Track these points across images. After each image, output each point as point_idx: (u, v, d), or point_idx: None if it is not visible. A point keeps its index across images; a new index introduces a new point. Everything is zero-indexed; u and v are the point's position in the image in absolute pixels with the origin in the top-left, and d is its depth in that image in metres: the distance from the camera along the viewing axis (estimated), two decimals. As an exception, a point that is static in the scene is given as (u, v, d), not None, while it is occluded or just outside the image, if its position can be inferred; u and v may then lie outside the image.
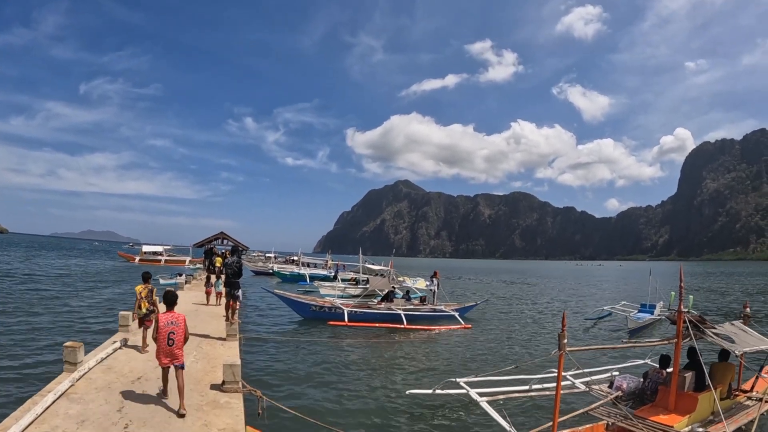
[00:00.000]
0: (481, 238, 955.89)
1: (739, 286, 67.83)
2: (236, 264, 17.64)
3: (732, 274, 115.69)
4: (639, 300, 32.69)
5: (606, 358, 17.39)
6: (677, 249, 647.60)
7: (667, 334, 11.68)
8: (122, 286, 38.13)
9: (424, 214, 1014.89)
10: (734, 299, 45.76)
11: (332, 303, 25.70)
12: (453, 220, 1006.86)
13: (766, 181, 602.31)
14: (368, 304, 26.43)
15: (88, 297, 29.60)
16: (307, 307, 25.41)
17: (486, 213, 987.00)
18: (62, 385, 8.48)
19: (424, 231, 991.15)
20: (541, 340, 22.81)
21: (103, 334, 17.39)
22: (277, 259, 74.13)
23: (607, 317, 29.64)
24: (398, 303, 27.31)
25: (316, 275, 52.89)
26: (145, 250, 76.92)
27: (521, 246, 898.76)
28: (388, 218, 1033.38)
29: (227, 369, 9.33)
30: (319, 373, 14.91)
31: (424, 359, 17.94)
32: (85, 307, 25.44)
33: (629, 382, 10.91)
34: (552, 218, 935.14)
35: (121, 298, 29.57)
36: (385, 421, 11.02)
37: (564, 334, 7.34)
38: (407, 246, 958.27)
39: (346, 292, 34.58)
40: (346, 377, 14.61)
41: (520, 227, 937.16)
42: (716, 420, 9.20)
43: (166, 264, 67.89)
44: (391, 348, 19.89)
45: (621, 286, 67.65)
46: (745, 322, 11.53)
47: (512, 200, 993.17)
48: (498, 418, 9.38)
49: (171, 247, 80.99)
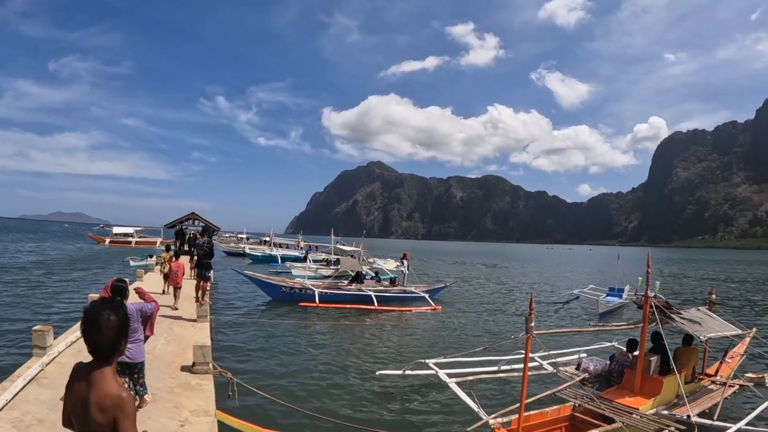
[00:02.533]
0: (453, 220, 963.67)
1: (705, 272, 69.05)
2: (207, 244, 17.50)
3: (700, 261, 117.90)
4: (607, 284, 33.14)
5: (574, 340, 17.61)
6: (647, 235, 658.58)
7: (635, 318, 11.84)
8: (92, 268, 37.57)
9: (397, 196, 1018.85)
10: (700, 286, 46.58)
11: (303, 284, 25.58)
12: (426, 202, 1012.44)
13: (735, 172, 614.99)
14: (338, 285, 26.37)
15: (57, 280, 28.98)
16: (277, 288, 25.25)
17: (459, 195, 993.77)
18: (32, 369, 8.36)
19: (397, 213, 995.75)
20: (510, 322, 22.98)
21: (75, 317, 17.08)
22: (249, 240, 73.71)
23: (575, 300, 30.05)
24: (368, 284, 27.31)
25: (288, 256, 52.63)
26: (116, 231, 75.64)
27: (493, 229, 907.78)
28: (360, 199, 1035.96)
29: (197, 350, 9.26)
30: (290, 354, 14.86)
31: (394, 340, 17.99)
32: (55, 291, 24.87)
33: (596, 364, 11.02)
34: (524, 202, 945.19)
35: (91, 281, 29.15)
36: (356, 401, 11.02)
37: (531, 317, 7.33)
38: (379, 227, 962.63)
39: (318, 273, 34.48)
40: (316, 358, 14.58)
41: (492, 210, 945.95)
42: (681, 403, 9.32)
43: (137, 245, 66.88)
44: (362, 329, 19.87)
45: (590, 270, 68.47)
46: (711, 308, 11.71)
47: (485, 183, 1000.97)
48: (466, 399, 9.42)
49: (142, 228, 79.78)
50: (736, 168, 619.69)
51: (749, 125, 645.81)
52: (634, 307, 25.38)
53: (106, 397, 2.94)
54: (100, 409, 2.92)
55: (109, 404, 2.92)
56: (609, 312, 24.88)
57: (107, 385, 2.97)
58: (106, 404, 2.92)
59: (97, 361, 3.05)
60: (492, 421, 8.11)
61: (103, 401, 2.93)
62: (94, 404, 2.93)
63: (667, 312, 9.71)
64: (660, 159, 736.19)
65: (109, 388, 2.96)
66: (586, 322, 22.68)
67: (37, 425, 6.52)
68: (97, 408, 2.92)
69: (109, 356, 3.06)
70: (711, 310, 11.42)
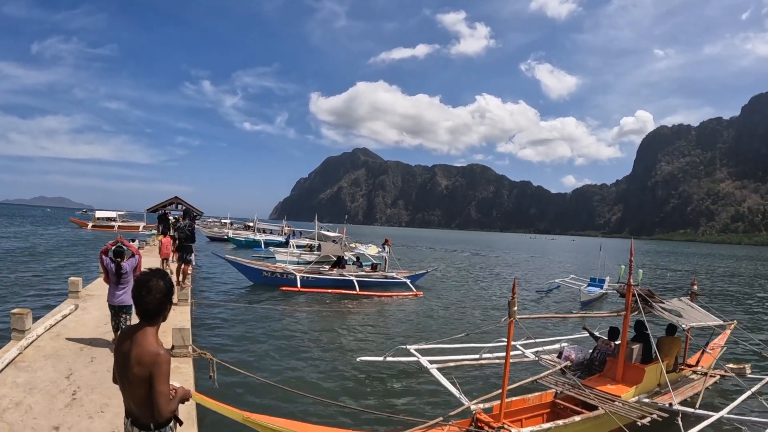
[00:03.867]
0: (437, 208, 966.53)
1: (687, 265, 69.81)
2: (188, 228, 17.38)
3: (681, 254, 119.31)
4: (589, 274, 33.38)
5: (556, 329, 17.68)
6: (629, 227, 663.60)
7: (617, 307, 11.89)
8: (74, 253, 37.09)
9: (382, 183, 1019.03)
10: (682, 277, 47.04)
11: (284, 269, 25.57)
12: (410, 189, 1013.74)
13: (718, 168, 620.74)
14: (320, 270, 26.35)
15: (37, 265, 28.41)
16: (258, 272, 25.20)
17: (443, 184, 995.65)
18: (9, 353, 8.21)
19: (381, 200, 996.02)
20: (492, 308, 23.08)
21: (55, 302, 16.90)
22: (233, 225, 73.41)
23: (556, 290, 30.27)
24: (350, 269, 27.34)
25: (271, 241, 52.46)
26: (98, 215, 74.60)
27: (477, 217, 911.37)
28: (345, 186, 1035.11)
29: (176, 333, 9.16)
30: (271, 339, 14.75)
31: (376, 326, 17.94)
32: (34, 275, 24.39)
33: (578, 352, 11.04)
34: (508, 191, 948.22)
35: (72, 265, 28.77)
36: (337, 386, 10.96)
37: (514, 301, 7.30)
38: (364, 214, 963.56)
39: (301, 259, 34.37)
40: (297, 343, 14.50)
41: (476, 199, 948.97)
42: (662, 391, 9.37)
43: (120, 230, 66.00)
44: (343, 314, 19.82)
45: (572, 260, 68.89)
46: (692, 299, 11.73)
47: (470, 172, 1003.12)
48: (448, 385, 9.39)
49: (125, 212, 79.07)
50: (720, 164, 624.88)
51: (734, 122, 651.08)
52: (614, 298, 25.85)
53: (145, 352, 3.40)
54: (138, 363, 3.37)
55: (147, 360, 3.37)
56: (590, 302, 25.08)
57: (147, 343, 3.44)
58: (145, 359, 3.38)
59: (142, 323, 3.55)
60: (474, 406, 8.08)
61: (141, 356, 3.38)
62: (133, 358, 3.39)
63: (650, 301, 9.73)
64: (644, 152, 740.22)
65: (149, 346, 3.43)
66: (566, 312, 22.78)
67: (13, 409, 6.38)
68: (136, 362, 3.38)
69: (154, 318, 3.58)
70: (693, 300, 11.45)
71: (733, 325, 13.91)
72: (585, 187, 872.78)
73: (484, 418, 7.68)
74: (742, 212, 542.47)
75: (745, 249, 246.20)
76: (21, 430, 5.83)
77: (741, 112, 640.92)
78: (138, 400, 3.49)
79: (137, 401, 3.49)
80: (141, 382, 3.40)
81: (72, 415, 6.36)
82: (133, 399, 3.52)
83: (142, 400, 3.46)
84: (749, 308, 27.38)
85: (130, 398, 3.55)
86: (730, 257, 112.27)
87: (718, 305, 24.48)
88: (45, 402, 6.67)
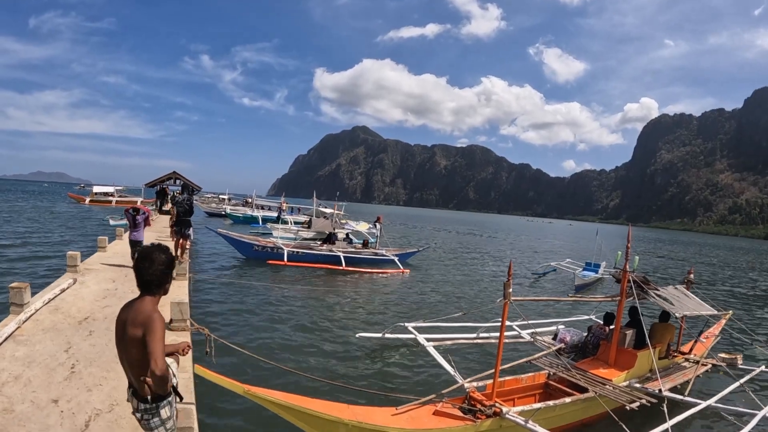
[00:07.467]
0: (435, 188, 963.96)
1: (683, 254, 70.06)
2: (187, 202, 17.30)
3: (678, 242, 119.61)
4: (584, 258, 33.53)
5: (551, 311, 17.80)
6: (627, 214, 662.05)
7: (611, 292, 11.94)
8: (72, 227, 37.00)
9: (380, 161, 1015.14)
10: (678, 265, 47.21)
11: (274, 243, 25.89)
12: (409, 168, 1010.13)
13: (719, 159, 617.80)
14: (309, 245, 26.75)
15: (35, 239, 28.40)
16: (249, 246, 25.57)
17: (442, 164, 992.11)
18: (8, 327, 8.18)
19: (380, 178, 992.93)
20: (488, 289, 23.18)
21: (53, 276, 16.85)
22: (231, 201, 73.36)
23: (552, 273, 30.43)
24: (340, 245, 27.62)
25: (269, 217, 52.50)
26: (96, 191, 74.10)
27: (475, 198, 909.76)
28: (343, 163, 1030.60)
29: (175, 307, 9.16)
30: (268, 314, 14.86)
31: (371, 302, 18.10)
32: (32, 250, 24.38)
33: (572, 335, 11.16)
34: (507, 173, 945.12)
35: (70, 240, 28.71)
36: (334, 360, 11.10)
37: (509, 283, 7.37)
38: (362, 192, 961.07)
39: (299, 235, 34.48)
40: (293, 318, 14.60)
41: (475, 180, 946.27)
42: (653, 377, 9.46)
43: (117, 205, 65.52)
44: (336, 290, 19.89)
45: (569, 244, 69.13)
46: (688, 287, 11.79)
47: (469, 153, 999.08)
48: (444, 362, 9.54)
49: (123, 188, 78.87)
50: (720, 155, 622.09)
51: (736, 114, 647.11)
52: (608, 283, 26.01)
53: (139, 313, 3.61)
54: (133, 323, 3.58)
55: (141, 320, 3.56)
56: (584, 286, 25.20)
57: (143, 307, 3.66)
58: (138, 319, 3.57)
59: (143, 294, 3.76)
60: (467, 384, 8.17)
61: (136, 317, 3.60)
62: (129, 320, 3.61)
63: (645, 287, 9.81)
64: (645, 140, 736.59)
65: (144, 308, 3.64)
66: (562, 295, 22.92)
67: (13, 382, 6.40)
68: (131, 323, 3.58)
69: (154, 289, 3.77)
70: (688, 289, 11.53)
71: (728, 315, 14.01)
72: (584, 172, 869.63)
73: (477, 396, 7.77)
74: (740, 204, 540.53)
75: (743, 241, 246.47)
76: (20, 403, 5.86)
77: (744, 104, 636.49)
78: (132, 362, 3.65)
79: (132, 364, 3.66)
80: (135, 342, 3.55)
81: (71, 388, 6.40)
82: (129, 363, 3.69)
83: (136, 362, 3.62)
84: (745, 299, 27.55)
85: (126, 363, 3.72)
86: (728, 248, 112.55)
87: (713, 294, 24.62)
88: (44, 375, 6.70)
